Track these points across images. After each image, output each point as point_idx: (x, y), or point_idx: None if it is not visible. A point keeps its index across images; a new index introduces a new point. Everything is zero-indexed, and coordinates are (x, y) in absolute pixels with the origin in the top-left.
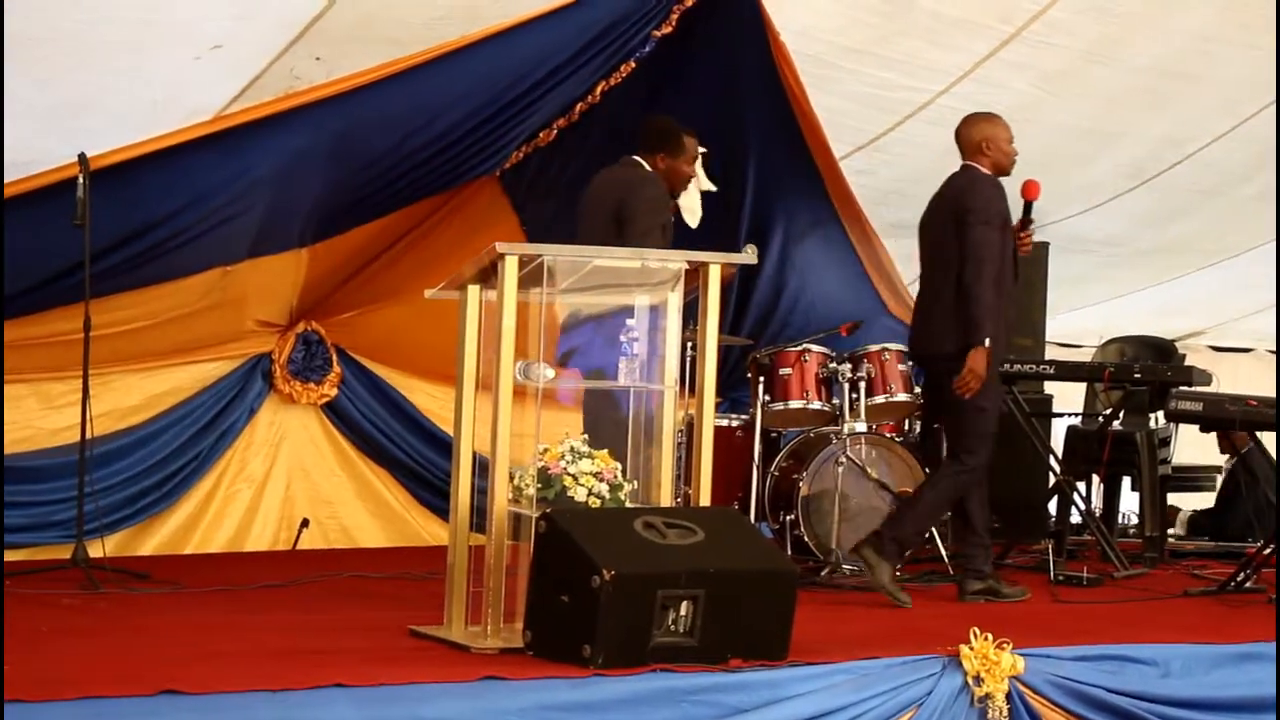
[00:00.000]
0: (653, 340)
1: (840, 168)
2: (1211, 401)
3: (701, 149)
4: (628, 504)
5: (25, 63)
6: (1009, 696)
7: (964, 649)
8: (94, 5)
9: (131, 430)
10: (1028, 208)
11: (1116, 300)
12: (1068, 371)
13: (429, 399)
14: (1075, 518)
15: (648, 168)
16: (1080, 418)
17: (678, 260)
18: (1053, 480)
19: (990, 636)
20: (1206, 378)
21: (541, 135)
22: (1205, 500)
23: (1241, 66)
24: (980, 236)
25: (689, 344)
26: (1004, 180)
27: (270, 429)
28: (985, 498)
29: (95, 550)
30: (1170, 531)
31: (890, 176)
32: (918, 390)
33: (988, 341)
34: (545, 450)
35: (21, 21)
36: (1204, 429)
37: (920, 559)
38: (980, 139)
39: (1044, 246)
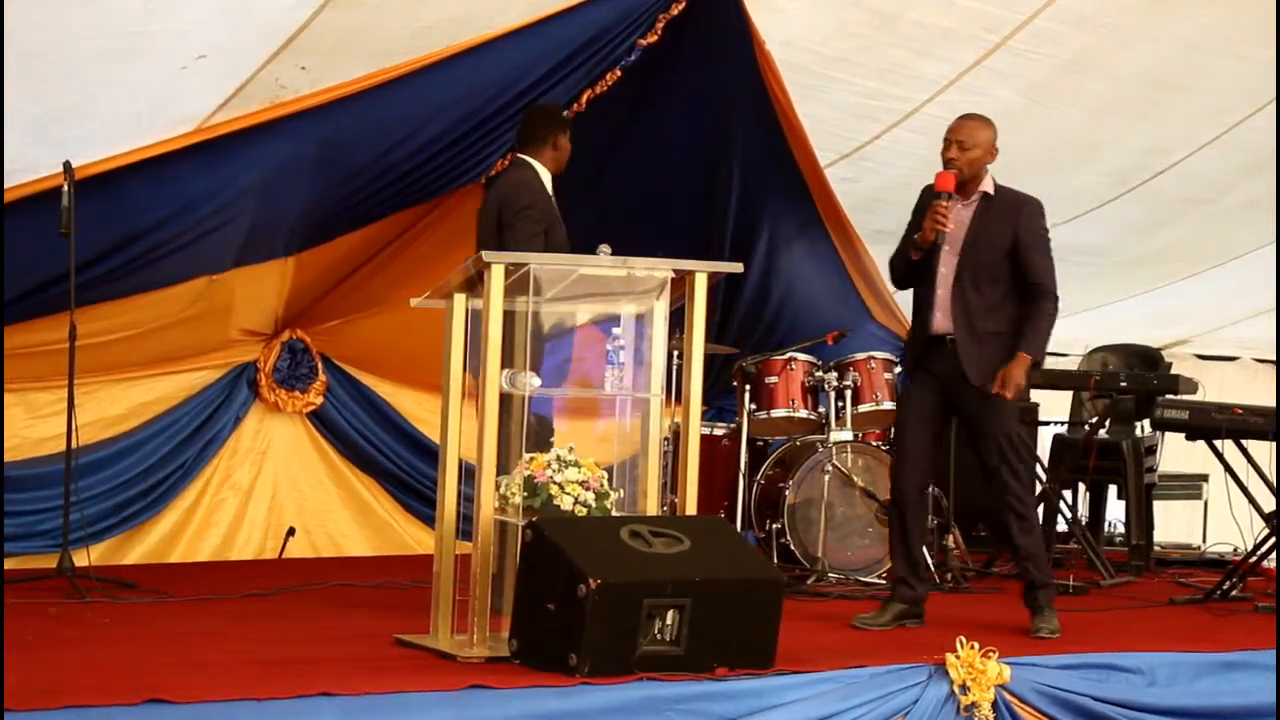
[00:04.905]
0: (639, 349)
1: (825, 175)
2: (1198, 410)
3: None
4: (614, 513)
5: (13, 74)
6: (995, 705)
7: (950, 658)
8: (81, 17)
9: (117, 439)
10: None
11: (1102, 308)
12: (1053, 380)
13: (415, 406)
14: (1061, 526)
15: (534, 163)
16: (1066, 426)
17: (664, 269)
18: (1039, 489)
19: (976, 645)
20: (1192, 386)
21: None
22: (1192, 509)
23: (1228, 76)
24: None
25: (674, 352)
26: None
27: (256, 437)
28: None
29: (81, 559)
30: None
31: (875, 184)
32: None
33: None
34: (531, 459)
35: (9, 33)
36: (1190, 437)
37: None
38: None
39: None
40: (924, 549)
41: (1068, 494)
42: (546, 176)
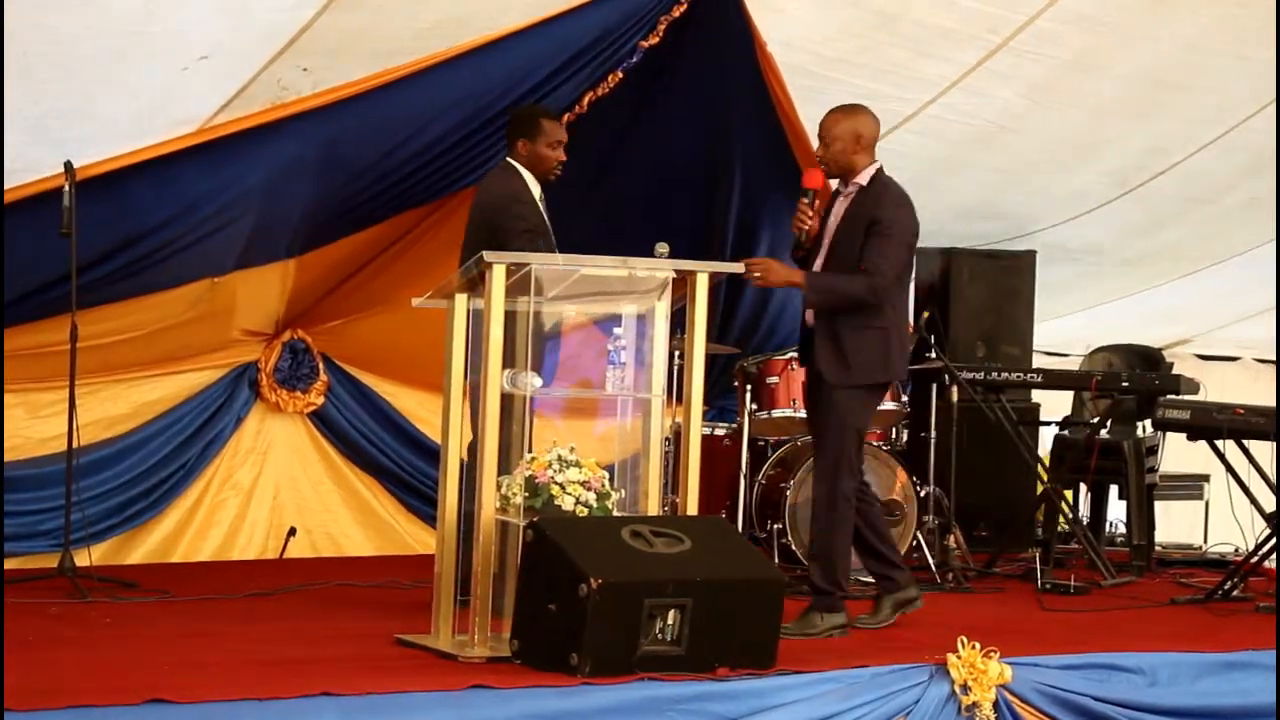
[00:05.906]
0: (640, 349)
1: None
2: (1199, 410)
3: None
4: (615, 513)
5: (13, 74)
6: (996, 705)
7: (951, 658)
8: (81, 17)
9: (118, 439)
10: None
11: (1103, 308)
12: (1055, 380)
13: (416, 406)
14: (1062, 526)
15: (517, 166)
16: (1068, 426)
17: (665, 269)
18: (1040, 488)
19: (978, 645)
20: (1194, 386)
21: None
22: (1193, 509)
23: (1228, 76)
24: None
25: (676, 352)
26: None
27: (257, 438)
28: None
29: (82, 559)
30: None
31: None
32: (904, 399)
33: None
34: (533, 459)
35: (11, 32)
36: (1191, 437)
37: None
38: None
39: (1031, 255)
40: (885, 537)
41: (1069, 494)
42: (530, 178)
